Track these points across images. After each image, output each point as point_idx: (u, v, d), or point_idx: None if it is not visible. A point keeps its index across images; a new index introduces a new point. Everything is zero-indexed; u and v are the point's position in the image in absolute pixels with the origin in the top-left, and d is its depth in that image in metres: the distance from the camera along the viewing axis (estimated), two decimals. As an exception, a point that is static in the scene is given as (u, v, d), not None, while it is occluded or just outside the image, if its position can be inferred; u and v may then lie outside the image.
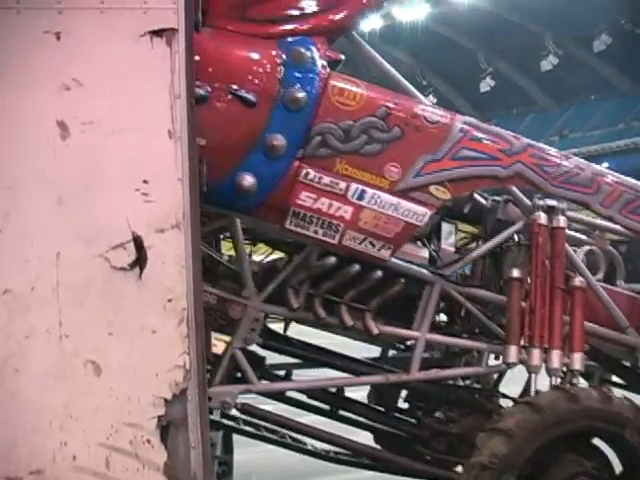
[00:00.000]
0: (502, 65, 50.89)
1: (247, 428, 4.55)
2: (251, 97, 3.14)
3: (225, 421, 4.60)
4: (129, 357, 2.59)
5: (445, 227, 3.81)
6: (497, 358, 3.84)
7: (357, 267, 3.39)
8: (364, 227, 3.26)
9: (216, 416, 4.48)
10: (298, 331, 3.96)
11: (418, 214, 3.31)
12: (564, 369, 3.59)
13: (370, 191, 3.26)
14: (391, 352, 4.46)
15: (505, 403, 3.95)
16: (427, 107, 3.42)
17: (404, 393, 4.19)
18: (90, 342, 2.58)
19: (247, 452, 5.00)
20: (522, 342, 3.54)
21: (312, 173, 3.21)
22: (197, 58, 2.98)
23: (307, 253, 3.45)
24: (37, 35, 2.57)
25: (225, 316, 3.39)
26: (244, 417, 4.43)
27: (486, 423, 3.55)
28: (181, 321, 2.58)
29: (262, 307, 3.45)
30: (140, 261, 2.56)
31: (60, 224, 2.56)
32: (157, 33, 2.57)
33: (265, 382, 3.79)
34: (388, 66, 3.55)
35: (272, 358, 3.97)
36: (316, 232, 3.24)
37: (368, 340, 3.84)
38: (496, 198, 3.87)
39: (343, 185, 3.24)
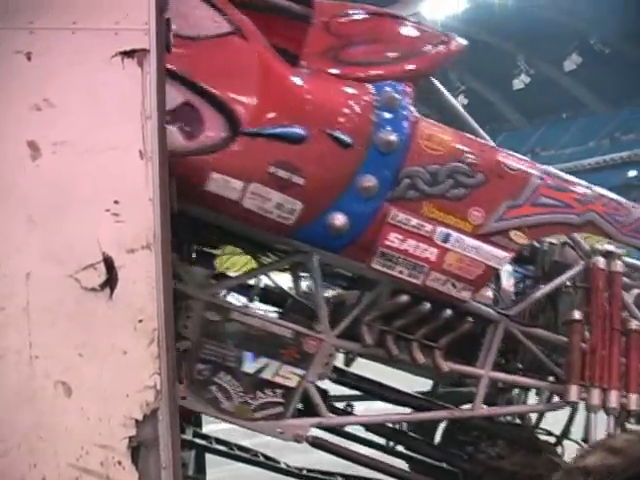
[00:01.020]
0: (475, 84, 51.33)
1: (219, 447, 4.55)
2: (347, 138, 3.21)
3: (197, 440, 4.60)
4: (100, 378, 2.58)
5: (506, 268, 3.95)
6: (538, 395, 4.06)
7: (428, 305, 3.47)
8: (448, 269, 3.37)
9: (188, 435, 4.48)
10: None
11: (498, 258, 3.44)
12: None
13: (455, 234, 3.37)
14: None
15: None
16: (508, 155, 3.53)
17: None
18: (60, 363, 2.56)
19: (219, 471, 4.99)
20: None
21: (401, 215, 3.31)
22: (296, 97, 3.19)
23: (380, 291, 3.52)
24: (8, 55, 2.56)
25: (300, 350, 3.44)
26: (216, 436, 4.44)
27: (536, 460, 3.84)
28: (152, 341, 2.57)
29: (336, 342, 3.51)
30: (111, 282, 2.55)
31: (30, 244, 2.55)
32: (128, 54, 2.58)
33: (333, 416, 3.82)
34: (462, 111, 3.67)
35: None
36: (401, 272, 3.35)
37: (423, 374, 3.98)
38: (552, 241, 4.01)
39: (429, 227, 3.35)
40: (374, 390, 4.11)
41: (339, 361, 3.94)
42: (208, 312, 3.37)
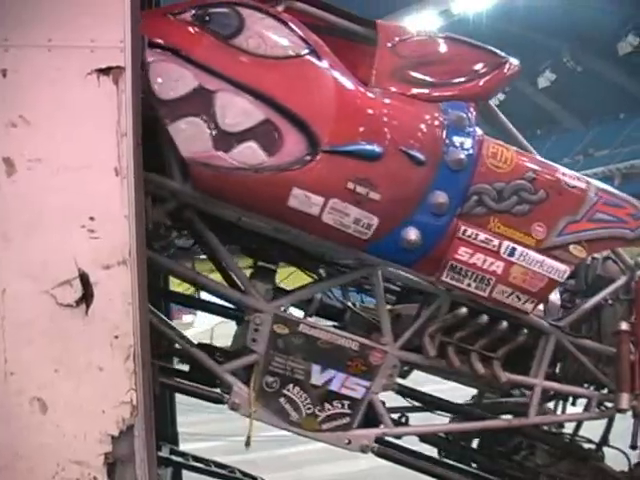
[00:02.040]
0: None
1: (197, 464, 4.55)
2: (420, 156, 3.31)
3: (174, 457, 4.58)
4: (76, 394, 2.58)
5: None
6: (573, 404, 4.24)
7: (486, 317, 3.58)
8: (513, 282, 3.50)
9: (165, 453, 4.47)
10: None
11: (560, 271, 3.58)
12: None
13: (520, 248, 3.51)
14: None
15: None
16: (566, 172, 3.68)
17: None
18: (36, 379, 2.56)
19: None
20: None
21: (469, 230, 3.44)
22: (372, 116, 3.29)
23: (439, 303, 3.64)
24: (-17, 73, 2.57)
25: (366, 362, 3.52)
26: (193, 454, 4.43)
27: (583, 468, 4.00)
28: (128, 357, 2.58)
29: (400, 354, 3.61)
30: (86, 298, 2.56)
31: (6, 260, 2.55)
32: (104, 71, 2.60)
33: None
34: (511, 126, 3.81)
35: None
36: (469, 285, 3.47)
37: (471, 384, 4.10)
38: (595, 255, 4.12)
39: (496, 242, 3.48)
40: (427, 400, 4.18)
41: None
42: (276, 325, 3.43)
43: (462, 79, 3.53)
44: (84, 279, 2.56)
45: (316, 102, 3.24)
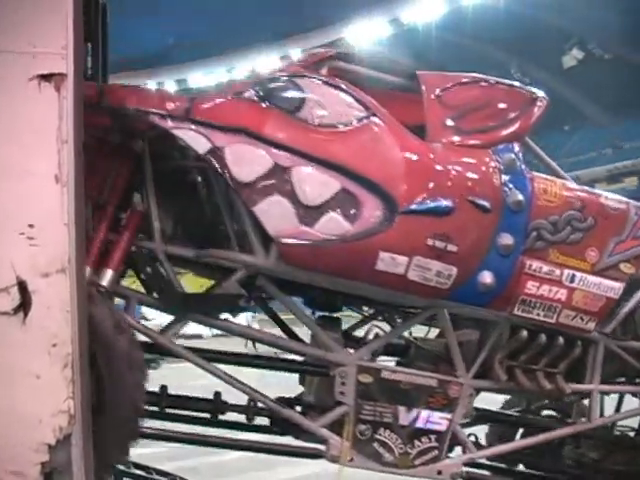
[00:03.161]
0: None
1: (138, 472, 4.52)
2: (486, 203, 3.50)
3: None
4: (12, 402, 2.55)
5: None
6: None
7: (544, 337, 3.79)
8: (576, 305, 3.74)
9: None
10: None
11: (615, 289, 3.84)
12: None
13: (578, 274, 3.74)
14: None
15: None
16: (607, 197, 3.93)
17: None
18: (-28, 387, 2.52)
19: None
20: None
21: (534, 264, 3.65)
22: (438, 172, 3.44)
23: (500, 330, 3.81)
24: None
25: (446, 396, 3.70)
26: (134, 461, 4.40)
27: (638, 456, 4.21)
28: (66, 366, 2.56)
29: (474, 383, 3.80)
30: (24, 305, 2.53)
31: (-57, 266, 2.52)
32: (45, 77, 2.58)
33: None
34: (550, 161, 4.04)
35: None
36: (538, 314, 3.69)
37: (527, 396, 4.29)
38: None
39: (558, 272, 3.70)
40: (491, 416, 4.34)
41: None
42: (361, 375, 3.57)
43: (506, 121, 3.72)
44: (22, 287, 2.53)
45: (386, 165, 3.38)
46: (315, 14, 39.55)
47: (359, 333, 4.15)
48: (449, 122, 3.63)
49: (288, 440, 3.78)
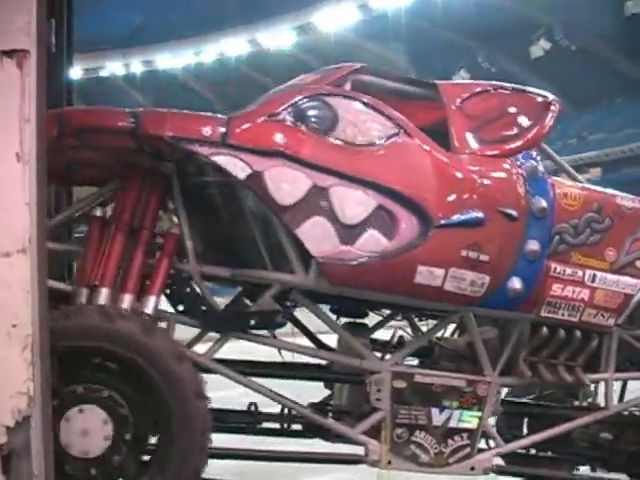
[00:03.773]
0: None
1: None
2: (514, 212, 3.61)
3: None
4: (-29, 383, 2.51)
5: None
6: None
7: (563, 332, 3.90)
8: (598, 304, 3.88)
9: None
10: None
11: (633, 285, 3.98)
12: None
13: (599, 274, 3.88)
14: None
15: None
16: (622, 197, 4.05)
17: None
18: None
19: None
20: None
21: (558, 267, 3.78)
22: (468, 184, 3.53)
23: (522, 328, 3.90)
24: None
25: (475, 395, 3.80)
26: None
27: None
28: (25, 347, 2.52)
29: (500, 381, 3.90)
30: (-16, 285, 2.49)
31: None
32: (7, 54, 2.53)
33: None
34: (565, 164, 4.22)
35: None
36: (563, 315, 3.82)
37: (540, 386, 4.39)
38: None
39: (580, 273, 3.83)
40: (517, 408, 4.46)
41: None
42: (395, 381, 3.67)
43: (524, 128, 3.78)
44: (-18, 266, 2.49)
45: (419, 180, 3.47)
46: (285, 1, 39.43)
47: (379, 334, 4.26)
48: (472, 133, 3.71)
49: (325, 448, 3.89)
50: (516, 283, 3.65)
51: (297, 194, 3.26)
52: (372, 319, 4.30)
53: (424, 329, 4.29)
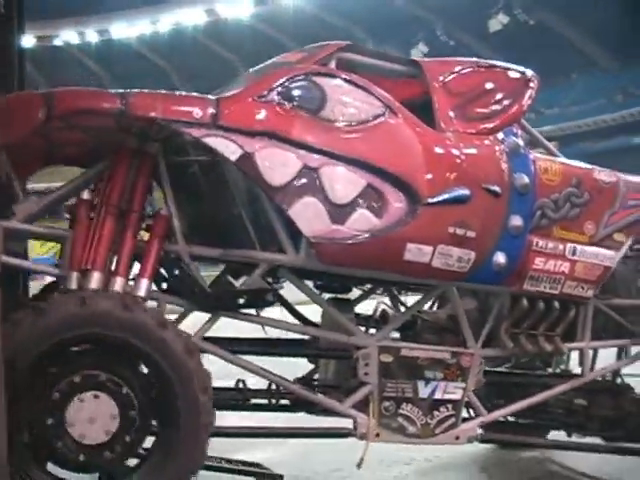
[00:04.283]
0: None
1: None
2: (497, 189, 3.63)
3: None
4: None
5: None
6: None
7: (542, 304, 3.97)
8: (578, 276, 3.95)
9: None
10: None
11: (611, 257, 4.06)
12: None
13: (579, 247, 3.94)
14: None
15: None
16: (600, 171, 4.11)
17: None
18: None
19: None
20: None
21: (541, 242, 3.82)
22: (455, 161, 3.55)
23: (502, 301, 3.98)
24: None
25: (459, 367, 3.86)
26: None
27: (623, 401, 4.42)
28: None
29: (483, 352, 3.95)
30: None
31: None
32: None
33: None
34: (543, 139, 4.22)
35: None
36: (545, 287, 3.89)
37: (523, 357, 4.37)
38: None
39: (561, 247, 3.89)
40: (496, 378, 4.43)
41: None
42: (382, 355, 3.70)
43: (506, 104, 3.79)
44: None
45: (407, 159, 3.48)
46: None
47: (359, 308, 4.26)
48: (456, 110, 3.73)
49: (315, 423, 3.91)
50: (500, 258, 3.69)
51: (288, 175, 3.25)
52: (353, 293, 4.32)
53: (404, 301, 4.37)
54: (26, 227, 3.26)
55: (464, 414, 3.96)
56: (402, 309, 4.33)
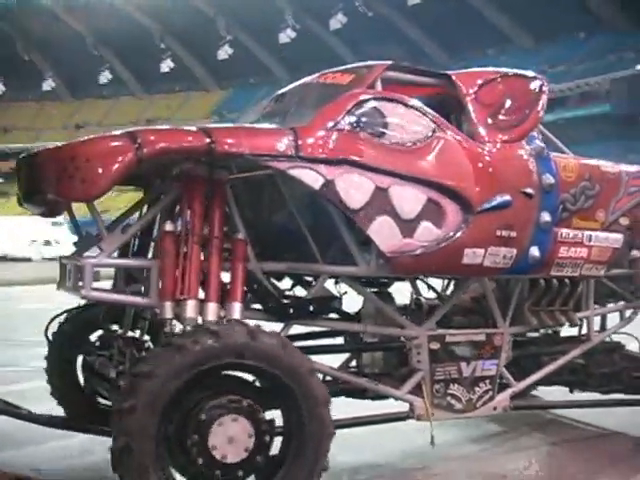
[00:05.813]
0: (241, 34, 51.31)
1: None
2: (531, 191, 4.03)
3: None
4: None
5: None
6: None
7: (556, 282, 4.46)
8: (593, 259, 4.38)
9: None
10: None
11: (618, 240, 4.51)
12: None
13: (593, 233, 4.36)
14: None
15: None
16: (604, 165, 4.61)
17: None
18: None
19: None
20: None
21: (564, 232, 4.23)
22: (497, 170, 3.91)
23: (522, 285, 4.44)
24: None
25: (492, 346, 4.29)
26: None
27: (614, 357, 4.95)
28: None
29: (511, 330, 4.41)
30: None
31: None
32: None
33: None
34: (555, 139, 4.53)
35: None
36: (567, 272, 4.31)
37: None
38: None
39: (580, 235, 4.30)
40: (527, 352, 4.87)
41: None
42: (431, 343, 4.11)
43: (527, 112, 4.14)
44: None
45: (459, 172, 3.82)
46: None
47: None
48: (489, 121, 4.06)
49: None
50: (535, 251, 4.04)
51: (364, 197, 3.52)
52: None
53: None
54: (113, 262, 3.64)
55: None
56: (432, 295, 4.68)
